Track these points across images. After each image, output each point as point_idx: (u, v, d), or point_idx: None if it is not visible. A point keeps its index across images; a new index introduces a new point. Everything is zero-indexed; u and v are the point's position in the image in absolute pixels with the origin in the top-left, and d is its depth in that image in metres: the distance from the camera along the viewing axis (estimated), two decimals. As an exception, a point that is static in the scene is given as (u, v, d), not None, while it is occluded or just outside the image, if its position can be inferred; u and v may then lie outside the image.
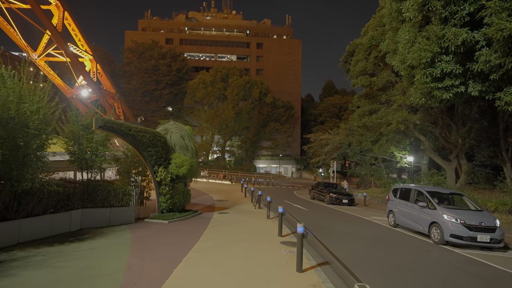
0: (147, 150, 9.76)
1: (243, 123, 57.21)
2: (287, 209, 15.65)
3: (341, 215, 15.15)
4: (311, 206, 18.41)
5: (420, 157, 32.59)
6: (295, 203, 19.35)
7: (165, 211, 10.76)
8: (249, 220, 11.39)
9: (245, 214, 12.97)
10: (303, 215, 13.84)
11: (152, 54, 56.23)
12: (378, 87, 18.34)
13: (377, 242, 9.05)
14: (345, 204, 20.11)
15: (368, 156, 40.50)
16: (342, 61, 27.06)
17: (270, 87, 61.52)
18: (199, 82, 55.57)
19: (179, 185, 11.25)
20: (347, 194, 20.69)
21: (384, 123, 18.17)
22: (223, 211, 13.64)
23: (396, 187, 12.48)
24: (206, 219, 11.31)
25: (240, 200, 18.65)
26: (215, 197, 19.60)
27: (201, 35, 69.84)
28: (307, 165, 68.78)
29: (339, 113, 69.88)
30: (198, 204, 16.12)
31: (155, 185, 10.40)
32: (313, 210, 16.45)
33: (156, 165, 10.30)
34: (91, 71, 34.73)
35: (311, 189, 23.82)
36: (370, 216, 15.24)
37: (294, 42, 71.81)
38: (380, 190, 28.06)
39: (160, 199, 10.54)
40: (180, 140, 10.90)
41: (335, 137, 38.22)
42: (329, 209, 17.29)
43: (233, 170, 55.33)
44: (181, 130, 11.24)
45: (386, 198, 20.02)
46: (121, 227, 8.87)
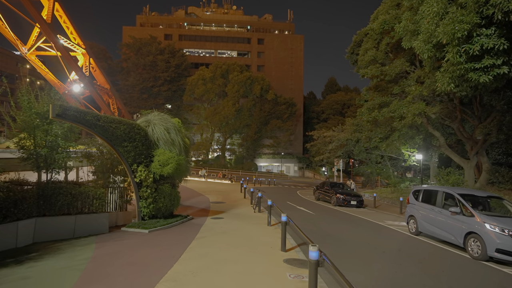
0: (122, 145, 8.10)
1: (244, 121, 55.51)
2: (291, 212, 14.00)
3: (352, 219, 13.45)
4: (317, 208, 16.73)
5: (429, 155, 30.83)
6: (299, 205, 17.66)
7: (146, 217, 9.09)
8: (247, 228, 9.71)
9: (242, 220, 11.29)
10: (309, 221, 12.15)
11: (150, 49, 54.58)
12: (390, 77, 16.57)
13: (403, 258, 7.35)
14: (353, 206, 18.41)
15: (374, 154, 38.80)
16: (349, 52, 25.29)
17: (272, 83, 59.79)
18: (198, 78, 53.90)
19: (164, 187, 9.59)
20: (356, 195, 18.99)
21: (396, 117, 16.42)
22: (218, 216, 11.97)
23: (417, 189, 10.75)
24: (196, 226, 9.64)
25: (239, 202, 16.98)
26: (212, 199, 17.94)
27: (201, 31, 68.10)
28: (309, 163, 67.06)
29: (343, 110, 68.15)
30: (191, 207, 14.46)
31: (134, 187, 8.73)
32: (320, 213, 14.76)
33: (135, 164, 8.63)
34: (84, 66, 33.15)
35: (316, 189, 22.13)
36: (384, 220, 13.54)
37: (296, 38, 69.98)
38: (388, 190, 26.35)
39: (140, 204, 8.87)
40: (164, 133, 9.23)
41: (340, 134, 36.49)
42: (336, 212, 15.60)
43: (234, 169, 53.70)
44: (166, 122, 9.56)
45: (403, 200, 18.39)
46: (88, 240, 7.21)
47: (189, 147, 12.63)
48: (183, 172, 10.10)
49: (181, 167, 9.69)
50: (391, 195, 23.56)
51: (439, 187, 10.01)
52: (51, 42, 28.94)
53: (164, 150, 9.22)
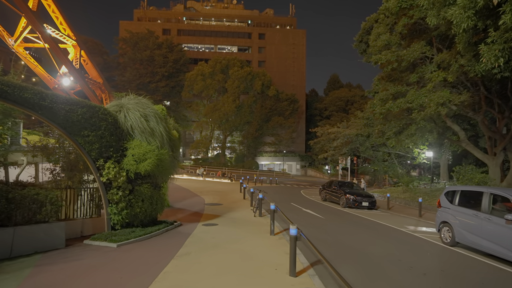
0: (81, 134, 6.27)
1: (245, 118, 53.60)
2: (297, 216, 12.10)
3: (367, 224, 11.58)
4: (325, 211, 14.86)
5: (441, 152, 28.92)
6: (304, 206, 15.80)
7: (118, 226, 7.25)
8: (245, 239, 7.86)
9: (240, 227, 9.44)
10: (319, 227, 10.29)
11: (147, 44, 52.72)
12: (407, 62, 14.68)
13: (455, 284, 5.49)
14: (364, 207, 16.56)
15: (381, 151, 36.88)
16: (357, 41, 23.37)
17: (273, 79, 57.85)
18: (197, 74, 52.00)
19: (143, 188, 7.75)
20: (367, 195, 17.12)
21: (415, 107, 14.52)
22: (211, 222, 10.13)
23: (451, 189, 8.85)
24: (181, 236, 7.79)
25: (237, 204, 15.13)
26: (207, 200, 16.10)
27: (200, 26, 66.19)
28: (312, 162, 65.18)
29: (346, 107, 66.18)
30: (182, 210, 12.62)
31: (101, 188, 6.89)
32: (329, 217, 12.89)
33: (101, 158, 6.78)
34: (75, 58, 31.36)
35: (322, 189, 20.26)
36: (404, 225, 11.67)
37: (298, 33, 67.99)
38: (399, 190, 24.44)
39: (110, 210, 7.02)
40: (141, 121, 7.37)
41: (345, 130, 34.59)
42: (348, 215, 13.73)
43: (234, 168, 51.86)
44: (144, 108, 7.70)
45: (422, 201, 16.54)
46: (27, 261, 5.36)
47: (179, 140, 10.78)
48: (167, 169, 8.24)
49: (163, 163, 7.84)
50: (403, 195, 21.68)
51: (483, 187, 8.12)
52: (37, 31, 27.08)
53: (140, 142, 7.37)
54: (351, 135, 32.08)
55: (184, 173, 35.33)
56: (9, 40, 31.25)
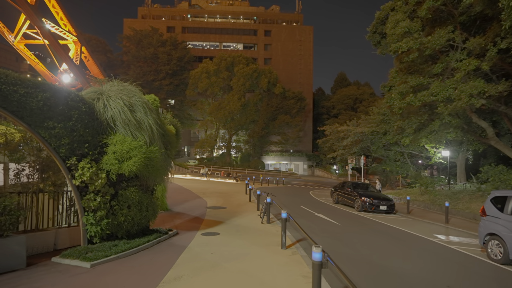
0: (44, 125, 4.97)
1: (250, 116, 52.26)
2: (309, 222, 10.54)
3: (391, 232, 10.13)
4: (339, 215, 13.43)
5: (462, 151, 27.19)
6: (316, 210, 14.38)
7: (97, 239, 5.93)
8: (250, 254, 6.50)
9: (245, 237, 8.08)
10: (337, 237, 8.88)
11: (151, 41, 51.67)
12: (431, 50, 13.17)
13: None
14: (382, 211, 15.10)
15: (393, 150, 35.21)
16: (370, 32, 21.78)
17: (280, 77, 56.40)
18: (202, 71, 50.82)
19: (129, 192, 6.44)
20: (385, 198, 15.63)
21: (440, 101, 13.00)
22: (212, 230, 8.79)
23: (500, 194, 7.36)
24: (175, 250, 6.46)
25: (242, 207, 13.78)
26: (210, 202, 14.78)
27: (205, 23, 65.04)
28: (320, 161, 63.58)
29: (354, 105, 64.53)
30: (181, 214, 11.30)
31: (75, 193, 5.58)
32: (346, 223, 11.46)
33: (74, 156, 5.48)
34: (75, 54, 30.35)
35: (334, 190, 18.82)
36: (433, 234, 10.20)
37: (305, 29, 66.39)
38: (416, 191, 22.85)
39: (85, 220, 5.71)
40: (124, 112, 6.04)
41: (356, 128, 32.99)
42: (366, 221, 12.28)
43: (240, 167, 50.56)
44: (129, 96, 6.37)
45: (449, 206, 14.98)
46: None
47: (176, 137, 9.44)
48: (159, 170, 6.91)
49: (153, 162, 6.51)
50: (422, 198, 20.11)
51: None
52: (36, 26, 26.07)
53: (123, 137, 6.04)
54: (364, 133, 30.45)
55: (187, 173, 34.10)
56: (9, 36, 30.34)
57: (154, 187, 7.98)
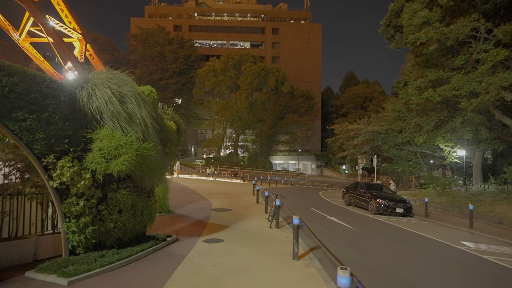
0: (12, 116, 4.23)
1: (258, 115, 51.43)
2: (321, 226, 9.56)
3: (413, 238, 9.18)
4: (352, 218, 12.51)
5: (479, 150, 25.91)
6: (327, 213, 13.49)
7: (80, 250, 5.18)
8: (258, 266, 5.68)
9: (252, 244, 7.26)
10: (354, 244, 8.00)
11: (157, 39, 51.24)
12: (453, 41, 12.18)
13: None
14: (398, 214, 14.12)
15: (405, 150, 34.00)
16: (384, 25, 20.74)
17: (288, 76, 55.43)
18: (208, 70, 50.15)
19: (120, 195, 5.69)
20: (401, 199, 14.62)
21: (463, 95, 11.98)
22: (216, 235, 7.99)
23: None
24: (172, 261, 5.68)
25: (249, 209, 12.96)
26: (215, 204, 14.00)
27: (212, 21, 64.42)
28: (328, 161, 62.40)
29: (364, 104, 63.11)
30: (184, 217, 10.54)
31: (53, 196, 4.83)
32: (361, 228, 10.55)
33: (52, 154, 4.73)
34: (80, 52, 29.99)
35: (346, 191, 17.87)
36: (459, 241, 9.23)
37: (313, 27, 65.27)
38: (431, 193, 21.71)
39: (66, 227, 4.96)
40: (112, 102, 5.27)
41: (367, 127, 31.89)
42: (382, 225, 11.34)
43: (247, 167, 49.77)
44: (120, 86, 5.60)
45: (473, 209, 13.88)
46: None
47: (178, 135, 8.66)
48: (155, 169, 6.12)
49: (148, 161, 5.74)
50: (439, 199, 19.01)
51: None
52: (39, 23, 25.65)
53: (111, 132, 5.28)
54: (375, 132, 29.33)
55: (193, 173, 33.46)
56: (14, 34, 30.12)
57: (151, 189, 7.22)
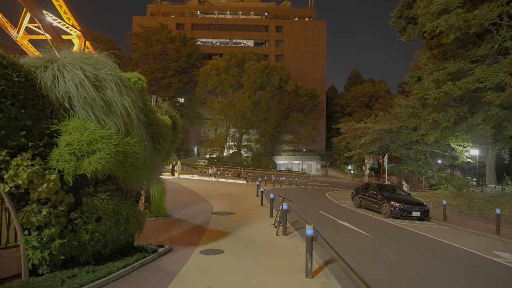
0: None
1: (261, 114, 50.41)
2: (333, 233, 8.14)
3: (438, 247, 8.12)
4: (365, 223, 11.46)
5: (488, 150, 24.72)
6: (337, 216, 12.44)
7: (44, 269, 4.20)
8: (265, 286, 4.67)
9: (256, 257, 6.25)
10: (372, 254, 6.95)
11: (159, 38, 50.40)
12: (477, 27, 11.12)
13: None
14: (414, 218, 13.03)
15: (414, 149, 32.81)
16: (395, 17, 19.62)
17: (292, 74, 54.33)
18: (211, 68, 49.23)
19: (99, 200, 4.72)
20: (417, 202, 13.52)
21: (489, 87, 10.89)
22: (215, 245, 6.99)
23: None
24: (159, 281, 4.70)
25: (253, 213, 11.94)
26: (216, 206, 13.00)
27: (215, 19, 63.54)
28: (333, 161, 61.25)
29: (370, 102, 61.88)
30: (181, 222, 9.56)
31: (8, 203, 3.87)
32: (377, 234, 9.49)
33: (4, 150, 3.77)
34: (79, 49, 29.17)
35: (355, 193, 16.79)
36: (491, 250, 8.15)
37: (318, 24, 64.14)
38: (446, 194, 20.58)
39: (24, 242, 3.98)
40: (85, 88, 4.29)
41: (375, 125, 30.74)
42: (400, 231, 10.27)
43: (251, 167, 48.77)
44: (97, 68, 4.62)
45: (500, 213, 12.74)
46: None
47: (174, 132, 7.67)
48: (141, 169, 5.14)
49: (132, 159, 4.77)
50: (454, 202, 17.87)
51: None
52: (36, 19, 24.90)
53: (84, 123, 4.29)
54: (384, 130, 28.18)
55: (195, 173, 32.53)
56: (12, 32, 29.39)
57: (139, 192, 6.24)
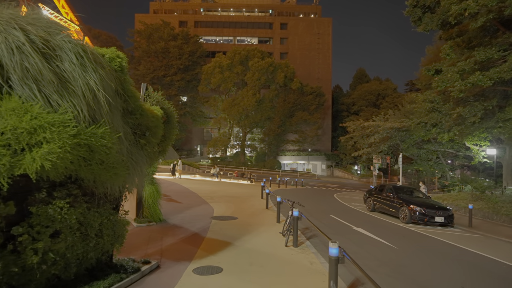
0: None
1: (266, 113, 49.18)
2: (350, 241, 6.59)
3: (486, 266, 6.84)
4: (384, 230, 10.19)
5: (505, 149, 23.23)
6: (351, 221, 11.17)
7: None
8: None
9: (264, 280, 5.02)
10: (406, 274, 5.69)
11: (161, 35, 49.41)
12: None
13: None
14: (436, 223, 11.73)
15: (425, 149, 31.37)
16: (410, 6, 18.23)
17: (297, 72, 53.07)
18: (214, 66, 48.14)
19: (55, 209, 3.53)
20: (440, 206, 12.20)
21: (525, 77, 9.58)
22: (212, 260, 5.78)
23: None
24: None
25: (258, 217, 10.71)
26: (217, 210, 11.79)
27: (218, 17, 62.47)
28: (339, 161, 59.83)
29: (377, 101, 60.37)
30: (176, 228, 8.36)
31: None
32: (401, 244, 8.22)
33: None
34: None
35: (369, 195, 15.50)
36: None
37: (323, 21, 62.76)
38: (465, 196, 19.21)
39: None
40: (26, 55, 3.11)
41: (385, 123, 29.36)
42: (426, 239, 8.99)
43: (255, 167, 47.57)
44: (48, 33, 3.45)
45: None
46: None
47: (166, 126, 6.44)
48: (115, 168, 3.92)
49: (101, 155, 3.57)
50: (476, 205, 16.51)
51: None
52: (31, 11, 23.91)
53: (24, 104, 3.09)
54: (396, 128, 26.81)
55: (197, 173, 31.38)
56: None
57: (121, 196, 5.03)
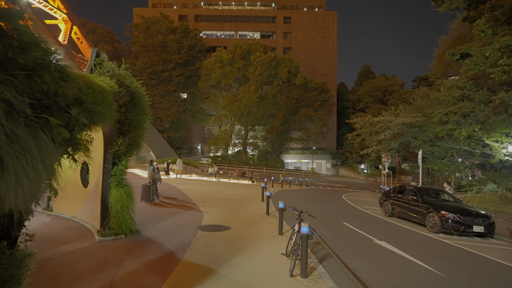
0: None
1: (268, 110, 47.09)
2: (373, 261, 5.27)
3: None
4: (411, 242, 8.10)
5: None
6: (368, 231, 9.08)
7: None
8: None
9: None
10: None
11: (159, 28, 47.43)
12: None
13: None
14: (473, 233, 9.61)
15: (439, 146, 29.13)
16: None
17: (301, 67, 50.85)
18: (215, 61, 46.11)
19: None
20: (478, 213, 10.05)
21: None
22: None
23: None
24: None
25: (256, 228, 8.66)
26: (207, 217, 9.75)
27: (219, 10, 60.42)
28: (345, 160, 57.61)
29: (384, 97, 58.04)
30: (148, 244, 6.33)
31: None
32: (444, 267, 6.14)
33: None
34: (64, 34, 26.25)
35: (385, 198, 13.39)
36: None
37: (328, 15, 60.50)
38: (491, 198, 17.11)
39: None
40: None
41: (397, 118, 27.19)
42: (476, 259, 6.91)
43: (257, 166, 45.52)
44: None
45: None
46: None
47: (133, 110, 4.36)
48: None
49: None
50: (507, 208, 14.41)
51: None
52: None
53: None
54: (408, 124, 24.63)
55: (193, 173, 29.38)
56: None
57: (18, 223, 2.96)
